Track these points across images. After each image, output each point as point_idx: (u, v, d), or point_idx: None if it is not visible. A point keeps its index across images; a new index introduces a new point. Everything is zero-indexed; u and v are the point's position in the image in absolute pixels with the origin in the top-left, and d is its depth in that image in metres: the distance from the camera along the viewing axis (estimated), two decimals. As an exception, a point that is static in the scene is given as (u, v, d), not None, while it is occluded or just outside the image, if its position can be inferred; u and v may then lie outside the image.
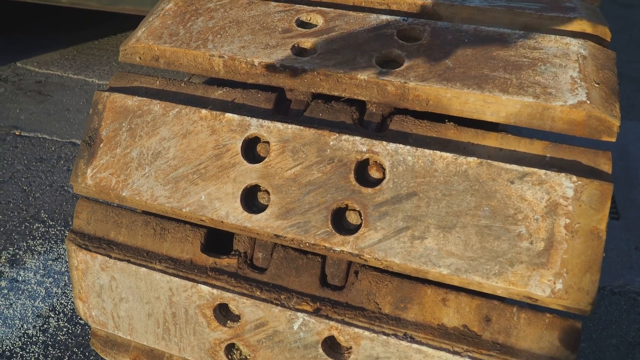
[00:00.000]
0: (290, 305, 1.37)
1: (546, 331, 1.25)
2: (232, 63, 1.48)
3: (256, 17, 1.57)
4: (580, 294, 1.18)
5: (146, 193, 1.42)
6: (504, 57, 1.38)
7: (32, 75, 4.98)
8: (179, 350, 1.52)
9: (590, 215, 1.20)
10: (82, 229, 1.57)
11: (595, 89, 1.30)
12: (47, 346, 2.47)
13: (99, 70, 5.06)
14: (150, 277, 1.47)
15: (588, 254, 1.19)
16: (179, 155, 1.41)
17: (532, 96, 1.29)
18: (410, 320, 1.31)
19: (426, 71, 1.36)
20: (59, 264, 2.92)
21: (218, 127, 1.40)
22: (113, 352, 1.65)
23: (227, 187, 1.36)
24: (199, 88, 1.52)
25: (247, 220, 1.34)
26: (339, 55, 1.43)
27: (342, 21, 1.52)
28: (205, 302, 1.43)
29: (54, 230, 3.15)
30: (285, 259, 1.41)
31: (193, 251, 1.47)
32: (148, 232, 1.52)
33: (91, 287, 1.56)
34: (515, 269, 1.20)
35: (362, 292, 1.35)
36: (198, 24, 1.57)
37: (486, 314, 1.28)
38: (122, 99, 1.50)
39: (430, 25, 1.48)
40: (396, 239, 1.26)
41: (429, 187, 1.27)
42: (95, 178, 1.47)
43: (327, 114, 1.42)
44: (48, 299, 2.71)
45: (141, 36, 1.58)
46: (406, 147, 1.29)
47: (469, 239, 1.23)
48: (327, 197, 1.30)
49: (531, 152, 1.28)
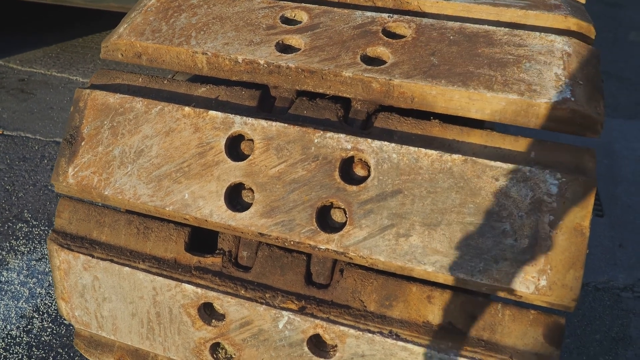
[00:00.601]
0: (275, 303, 1.36)
1: (530, 327, 1.25)
2: (216, 60, 1.47)
3: (240, 13, 1.56)
4: (564, 290, 1.18)
5: (129, 192, 1.40)
6: (489, 54, 1.38)
7: (15, 73, 4.91)
8: (164, 349, 1.51)
9: (574, 212, 1.20)
10: (64, 228, 1.55)
11: (580, 86, 1.31)
12: (31, 347, 2.44)
13: (83, 69, 5.01)
14: (133, 276, 1.46)
15: (572, 250, 1.19)
16: (162, 153, 1.40)
17: (516, 93, 1.29)
18: (395, 318, 1.31)
19: (411, 68, 1.36)
20: (43, 264, 2.88)
21: (201, 124, 1.39)
22: (97, 352, 1.63)
23: (211, 185, 1.35)
24: (182, 85, 1.51)
25: (232, 218, 1.33)
26: (324, 52, 1.42)
27: (327, 18, 1.51)
28: (190, 302, 1.41)
29: (38, 230, 3.11)
30: (270, 257, 1.40)
31: (177, 250, 1.46)
32: (131, 231, 1.50)
33: (74, 287, 1.54)
34: (500, 266, 1.20)
35: (347, 290, 1.35)
36: (181, 20, 1.56)
37: (471, 311, 1.28)
38: (104, 96, 1.48)
39: (416, 22, 1.47)
40: (381, 237, 1.25)
41: (414, 185, 1.26)
42: (77, 177, 1.45)
43: (311, 111, 1.41)
44: (32, 300, 2.67)
45: (123, 32, 1.56)
46: (391, 144, 1.29)
47: (453, 236, 1.23)
48: (312, 195, 1.29)
49: (516, 150, 1.29)
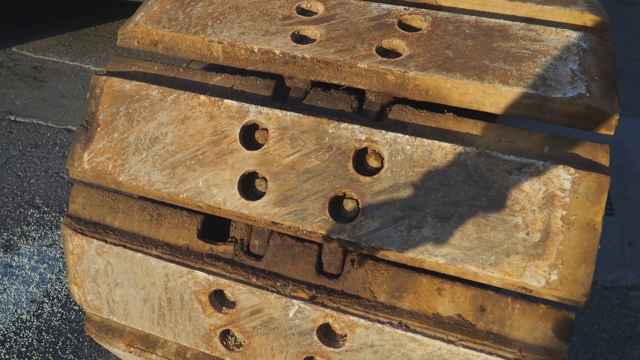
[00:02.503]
0: (286, 292, 1.37)
1: (540, 322, 1.26)
2: (232, 49, 1.47)
3: (256, 3, 1.56)
4: (575, 286, 1.19)
5: (143, 178, 1.42)
6: (504, 48, 1.38)
7: (28, 60, 4.94)
8: (174, 335, 1.52)
9: (586, 208, 1.20)
10: (78, 213, 1.57)
11: (595, 82, 1.30)
12: (41, 331, 2.47)
13: (95, 57, 5.03)
14: (146, 262, 1.47)
15: (583, 245, 1.19)
16: (177, 140, 1.41)
17: (531, 88, 1.28)
18: (405, 309, 1.32)
19: (426, 61, 1.36)
20: (54, 250, 2.91)
21: (216, 113, 1.39)
22: (108, 337, 1.65)
23: (225, 173, 1.36)
24: (197, 74, 1.52)
25: (244, 207, 1.34)
26: (339, 44, 1.42)
27: (343, 9, 1.51)
28: (201, 288, 1.43)
29: (49, 216, 3.14)
30: (282, 246, 1.41)
31: (189, 237, 1.47)
32: (144, 218, 1.51)
33: (86, 272, 1.56)
34: (511, 260, 1.21)
35: (357, 281, 1.35)
36: (197, 9, 1.56)
37: (481, 304, 1.28)
38: (120, 83, 1.49)
39: (432, 15, 1.47)
40: (393, 228, 1.26)
41: (427, 177, 1.27)
42: (92, 162, 1.47)
43: (326, 102, 1.41)
44: (42, 285, 2.70)
45: (140, 20, 1.57)
46: (405, 136, 1.29)
47: (465, 229, 1.23)
48: (325, 185, 1.30)
49: (530, 144, 1.29)
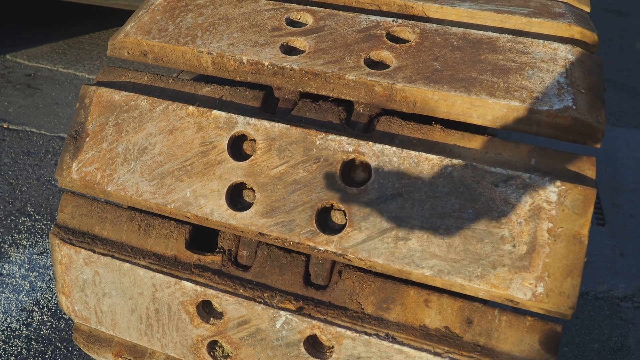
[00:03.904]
0: (273, 303, 1.37)
1: (527, 334, 1.26)
2: (221, 60, 1.48)
3: (246, 14, 1.57)
4: (561, 298, 1.19)
5: (131, 188, 1.42)
6: (492, 60, 1.38)
7: (22, 68, 4.94)
8: (162, 346, 1.52)
9: (573, 220, 1.21)
10: (66, 223, 1.56)
11: (582, 94, 1.31)
12: (30, 340, 2.45)
13: (89, 65, 5.03)
14: (134, 272, 1.47)
15: (570, 258, 1.20)
16: (165, 151, 1.41)
17: (518, 100, 1.29)
18: (392, 321, 1.32)
19: (414, 73, 1.37)
20: (44, 258, 2.90)
21: (205, 124, 1.40)
22: (96, 347, 1.64)
23: (213, 184, 1.36)
24: (186, 84, 1.52)
25: (232, 217, 1.34)
26: (328, 55, 1.43)
27: (332, 21, 1.52)
28: (189, 299, 1.42)
29: (40, 224, 3.13)
30: (270, 257, 1.41)
31: (177, 247, 1.47)
32: (133, 228, 1.51)
33: (74, 282, 1.55)
34: (498, 272, 1.21)
35: (345, 292, 1.35)
36: (187, 20, 1.57)
37: (468, 316, 1.29)
38: (109, 93, 1.49)
39: (420, 27, 1.48)
40: (380, 240, 1.26)
41: (414, 189, 1.27)
42: (81, 172, 1.46)
43: (314, 113, 1.42)
44: (32, 293, 2.69)
45: (130, 31, 1.58)
46: (392, 148, 1.30)
47: (452, 240, 1.24)
48: (313, 196, 1.30)
49: (517, 156, 1.29)
